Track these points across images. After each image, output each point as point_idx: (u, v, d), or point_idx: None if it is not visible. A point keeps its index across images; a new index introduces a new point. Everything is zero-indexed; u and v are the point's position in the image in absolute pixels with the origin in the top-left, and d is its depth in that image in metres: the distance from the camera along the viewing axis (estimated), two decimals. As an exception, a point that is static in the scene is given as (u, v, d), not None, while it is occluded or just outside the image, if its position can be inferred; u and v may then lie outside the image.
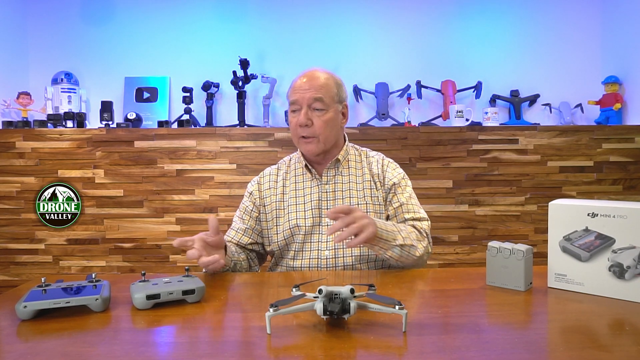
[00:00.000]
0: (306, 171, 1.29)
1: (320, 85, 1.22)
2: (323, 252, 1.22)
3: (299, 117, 1.21)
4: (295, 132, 1.24)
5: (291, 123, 1.25)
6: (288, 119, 1.28)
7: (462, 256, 2.28)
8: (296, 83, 1.24)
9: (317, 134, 1.21)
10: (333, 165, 1.28)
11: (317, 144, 1.22)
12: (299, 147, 1.27)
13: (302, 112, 1.21)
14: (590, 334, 0.69)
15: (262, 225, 1.30)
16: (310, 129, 1.21)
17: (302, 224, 1.23)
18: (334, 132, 1.25)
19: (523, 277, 0.90)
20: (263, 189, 1.31)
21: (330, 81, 1.24)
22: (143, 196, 2.24)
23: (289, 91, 1.27)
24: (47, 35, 2.60)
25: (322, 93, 1.21)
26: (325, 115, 1.22)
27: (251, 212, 1.30)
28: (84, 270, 2.24)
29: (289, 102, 1.26)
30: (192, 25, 2.62)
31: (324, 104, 1.21)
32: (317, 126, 1.21)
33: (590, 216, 0.87)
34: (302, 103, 1.21)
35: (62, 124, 2.31)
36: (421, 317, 0.77)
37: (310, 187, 1.28)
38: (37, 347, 0.67)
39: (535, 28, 2.63)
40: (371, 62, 2.62)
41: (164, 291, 0.84)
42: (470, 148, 2.28)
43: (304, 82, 1.22)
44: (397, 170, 1.31)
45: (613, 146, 2.27)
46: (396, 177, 1.28)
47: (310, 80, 1.22)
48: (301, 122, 1.20)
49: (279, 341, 0.67)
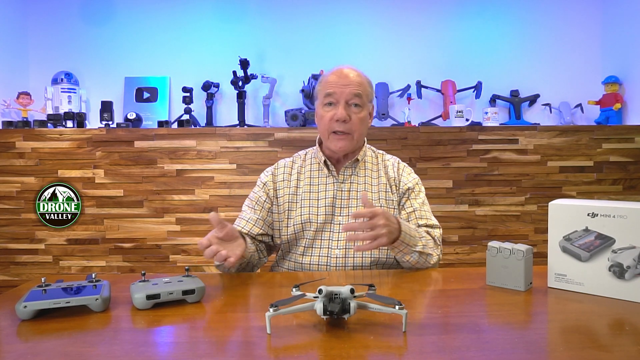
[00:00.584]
0: (323, 167, 1.27)
1: (359, 82, 1.20)
2: (333, 251, 1.20)
3: (338, 111, 1.18)
4: (328, 127, 1.21)
5: (324, 117, 1.21)
6: (318, 112, 1.24)
7: (462, 256, 2.28)
8: (331, 77, 1.21)
9: (353, 131, 1.20)
10: (351, 164, 1.27)
11: (350, 141, 1.21)
12: (328, 142, 1.23)
13: (340, 106, 1.18)
14: (590, 334, 0.69)
15: (273, 217, 1.27)
16: (347, 125, 1.19)
17: (314, 219, 1.21)
18: (364, 132, 1.24)
19: (523, 277, 0.90)
20: (277, 180, 1.28)
21: (365, 80, 1.23)
22: (143, 196, 2.24)
23: (319, 86, 1.24)
24: (47, 35, 2.60)
25: (361, 90, 1.20)
26: (361, 113, 1.21)
27: (264, 202, 1.27)
28: (84, 270, 2.24)
29: (321, 96, 1.23)
30: (192, 25, 2.62)
31: (361, 100, 1.20)
32: (354, 122, 1.19)
33: (590, 216, 0.87)
34: (340, 97, 1.18)
35: (62, 124, 2.31)
36: (421, 317, 0.77)
37: (325, 183, 1.26)
38: (37, 347, 0.67)
39: (535, 28, 2.63)
40: (371, 62, 2.62)
41: (164, 291, 0.84)
42: (470, 148, 2.28)
43: (342, 77, 1.20)
44: (412, 175, 1.31)
45: (613, 146, 2.27)
46: (411, 182, 1.27)
47: (348, 76, 1.20)
48: (340, 116, 1.17)
49: (279, 341, 0.67)
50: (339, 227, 1.21)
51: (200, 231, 2.24)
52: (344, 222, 1.21)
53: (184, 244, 2.25)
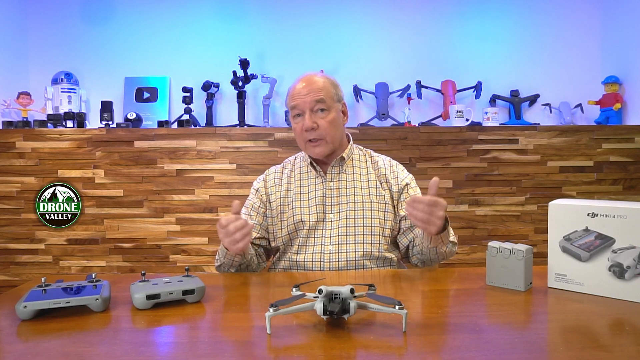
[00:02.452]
0: (311, 169, 1.31)
1: (319, 87, 1.24)
2: (326, 247, 1.23)
3: (304, 121, 1.22)
4: (301, 137, 1.25)
5: (295, 129, 1.26)
6: (291, 125, 1.29)
7: (462, 256, 2.28)
8: (294, 89, 1.25)
9: (324, 135, 1.23)
10: (337, 163, 1.30)
11: (325, 146, 1.24)
12: (306, 151, 1.28)
13: (306, 116, 1.22)
14: (590, 334, 0.69)
15: (267, 222, 1.32)
16: (316, 132, 1.22)
17: (306, 219, 1.25)
18: (339, 132, 1.27)
19: (523, 277, 0.90)
20: (269, 186, 1.34)
21: (327, 82, 1.26)
22: (143, 196, 2.24)
23: (287, 98, 1.29)
24: (47, 35, 2.60)
25: (322, 94, 1.23)
26: (329, 116, 1.24)
27: (258, 208, 1.32)
28: (84, 270, 2.24)
29: (289, 109, 1.28)
30: (192, 25, 2.62)
31: (325, 104, 1.23)
32: (323, 127, 1.23)
33: (590, 216, 0.87)
34: (304, 107, 1.23)
35: (62, 124, 2.31)
36: (421, 317, 0.77)
37: (314, 184, 1.29)
38: (37, 347, 0.67)
39: (535, 28, 2.63)
40: (371, 62, 2.62)
41: (164, 291, 0.84)
42: (470, 148, 2.28)
43: (303, 87, 1.24)
44: (406, 172, 1.35)
45: (613, 146, 2.27)
46: (407, 178, 1.32)
47: (308, 84, 1.24)
48: (307, 126, 1.21)
49: (279, 341, 0.67)
50: (331, 224, 1.25)
51: (201, 231, 2.24)
52: (335, 220, 1.25)
53: (184, 244, 2.25)
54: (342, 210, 1.25)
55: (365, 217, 1.24)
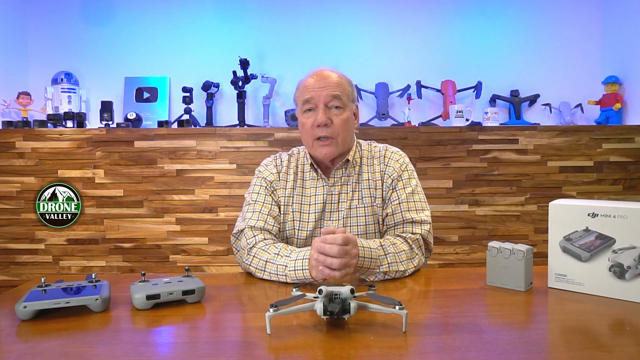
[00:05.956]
0: (312, 170, 1.22)
1: (336, 82, 1.15)
2: None
3: (317, 116, 1.12)
4: (310, 134, 1.14)
5: (305, 124, 1.15)
6: (300, 121, 1.18)
7: (462, 256, 2.28)
8: (307, 82, 1.16)
9: (336, 135, 1.13)
10: (341, 166, 1.20)
11: (335, 147, 1.14)
12: (313, 151, 1.17)
13: (319, 110, 1.12)
14: (590, 334, 0.69)
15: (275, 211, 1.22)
16: (329, 129, 1.12)
17: (304, 227, 1.19)
18: (350, 134, 1.17)
19: (523, 277, 0.90)
20: (280, 179, 1.23)
21: (343, 80, 1.18)
22: (143, 196, 2.24)
23: (298, 92, 1.19)
24: (47, 35, 2.60)
25: (339, 91, 1.14)
26: (343, 114, 1.14)
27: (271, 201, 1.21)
28: (84, 270, 2.24)
29: (300, 103, 1.17)
30: (192, 25, 2.62)
31: (341, 102, 1.14)
32: (337, 125, 1.13)
33: (591, 216, 0.87)
34: (318, 101, 1.13)
35: (62, 124, 2.31)
36: (421, 317, 0.77)
37: (315, 187, 1.21)
38: (37, 347, 0.67)
39: (535, 28, 2.63)
40: (371, 62, 2.62)
41: (164, 291, 0.84)
42: (470, 148, 2.28)
43: (318, 79, 1.14)
44: (400, 161, 1.22)
45: (613, 146, 2.27)
46: (397, 171, 1.19)
47: (325, 78, 1.15)
48: (321, 120, 1.11)
49: (279, 341, 0.67)
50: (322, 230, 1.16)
51: (201, 231, 2.24)
52: (332, 225, 1.18)
53: (184, 244, 2.25)
54: (341, 218, 1.18)
55: (360, 222, 1.18)
